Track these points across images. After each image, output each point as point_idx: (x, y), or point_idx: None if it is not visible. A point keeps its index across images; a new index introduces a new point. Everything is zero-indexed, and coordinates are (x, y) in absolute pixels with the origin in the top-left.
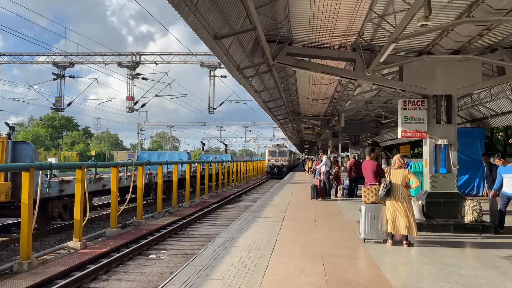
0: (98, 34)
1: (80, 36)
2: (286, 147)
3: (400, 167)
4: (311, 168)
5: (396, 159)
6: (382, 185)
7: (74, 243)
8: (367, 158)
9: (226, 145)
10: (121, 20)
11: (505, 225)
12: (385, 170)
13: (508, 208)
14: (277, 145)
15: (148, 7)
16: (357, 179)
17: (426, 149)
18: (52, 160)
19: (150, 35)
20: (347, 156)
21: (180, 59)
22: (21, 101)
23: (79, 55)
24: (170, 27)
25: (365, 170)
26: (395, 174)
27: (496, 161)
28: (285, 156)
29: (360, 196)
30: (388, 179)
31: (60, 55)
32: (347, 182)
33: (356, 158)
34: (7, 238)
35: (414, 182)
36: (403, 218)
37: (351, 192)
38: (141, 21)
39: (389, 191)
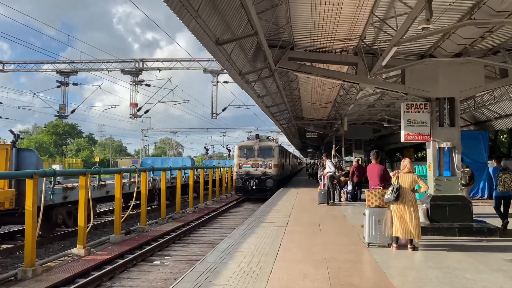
0: (104, 42)
1: (85, 44)
2: (273, 140)
3: (409, 171)
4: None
5: (407, 163)
6: (390, 188)
7: (79, 250)
8: (373, 161)
9: (229, 151)
10: (127, 28)
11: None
12: (393, 174)
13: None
14: (257, 136)
15: (155, 14)
16: (360, 183)
17: (429, 152)
18: (56, 167)
19: (156, 43)
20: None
21: (183, 65)
22: (26, 109)
23: (82, 62)
24: (177, 33)
25: (371, 173)
26: (404, 178)
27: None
28: (272, 156)
29: (364, 200)
30: (396, 182)
31: (64, 62)
32: (350, 186)
33: (359, 162)
34: (12, 246)
35: (422, 186)
36: (409, 223)
37: (355, 196)
38: (147, 28)
39: (398, 195)
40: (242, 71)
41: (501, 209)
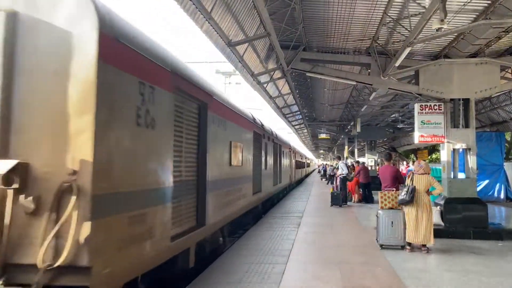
0: None
1: None
2: None
3: (424, 173)
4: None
5: (424, 164)
6: (404, 189)
7: None
8: (385, 163)
9: None
10: None
11: None
12: (407, 175)
13: None
14: None
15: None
16: (368, 184)
17: (444, 154)
18: None
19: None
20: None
21: (196, 67)
22: None
23: None
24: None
25: (383, 175)
26: (419, 179)
27: None
28: None
29: (376, 202)
30: (411, 184)
31: None
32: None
33: (365, 164)
34: None
35: (437, 188)
36: (423, 225)
37: (367, 198)
38: None
39: (413, 196)
40: (254, 72)
41: None
